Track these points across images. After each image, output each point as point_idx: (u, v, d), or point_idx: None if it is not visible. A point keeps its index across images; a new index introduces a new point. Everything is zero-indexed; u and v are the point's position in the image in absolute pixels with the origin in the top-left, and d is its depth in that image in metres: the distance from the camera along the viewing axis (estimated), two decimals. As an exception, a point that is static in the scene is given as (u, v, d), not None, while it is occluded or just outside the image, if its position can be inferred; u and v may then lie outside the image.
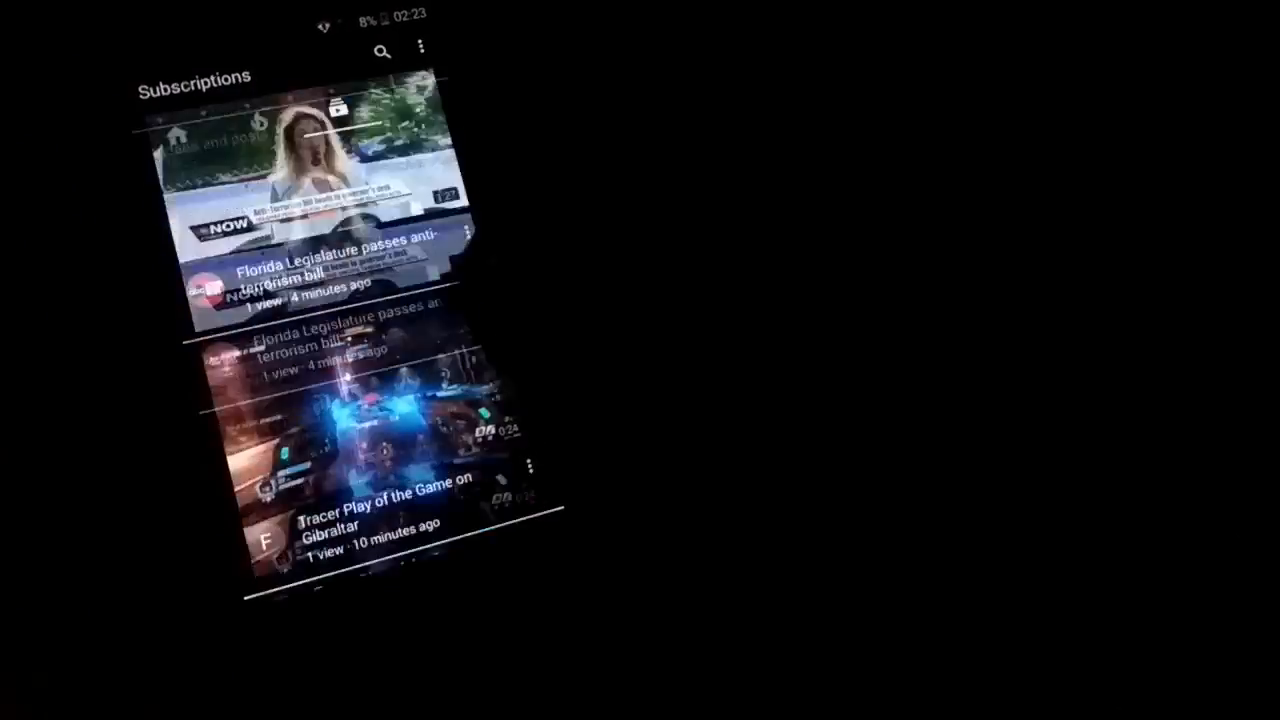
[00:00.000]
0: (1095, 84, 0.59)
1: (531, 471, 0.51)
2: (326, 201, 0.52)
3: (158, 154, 0.51)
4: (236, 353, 0.50)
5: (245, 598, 0.47)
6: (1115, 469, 0.54)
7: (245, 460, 0.48)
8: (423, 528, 0.50)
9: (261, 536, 0.48)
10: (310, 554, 0.48)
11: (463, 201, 0.54)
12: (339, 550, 0.49)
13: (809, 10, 0.59)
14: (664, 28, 0.57)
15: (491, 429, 0.51)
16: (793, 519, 0.52)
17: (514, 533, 0.51)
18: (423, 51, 0.55)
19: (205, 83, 0.52)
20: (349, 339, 0.51)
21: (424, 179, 0.53)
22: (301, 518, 0.48)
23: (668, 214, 0.55)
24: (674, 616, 0.50)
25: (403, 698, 0.47)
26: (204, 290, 0.50)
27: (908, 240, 0.57)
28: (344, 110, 0.53)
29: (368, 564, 0.49)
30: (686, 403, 0.53)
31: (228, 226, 0.51)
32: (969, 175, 0.58)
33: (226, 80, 0.52)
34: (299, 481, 0.49)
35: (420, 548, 0.49)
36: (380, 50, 0.54)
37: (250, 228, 0.51)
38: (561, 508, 0.51)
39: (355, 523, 0.49)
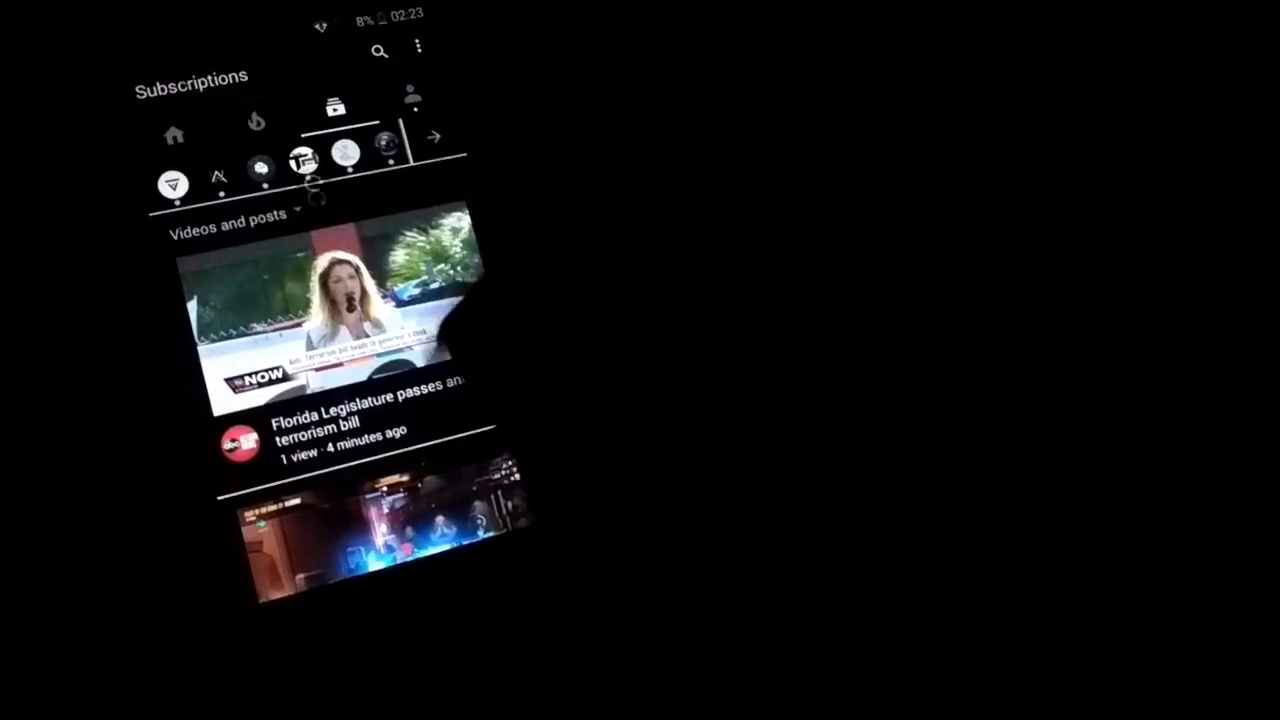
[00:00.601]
0: (1095, 84, 0.57)
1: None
2: (362, 348, 0.52)
3: (192, 305, 0.50)
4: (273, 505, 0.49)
5: None
6: (1115, 469, 0.52)
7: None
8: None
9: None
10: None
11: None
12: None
13: (811, 11, 0.58)
14: (656, 26, 0.56)
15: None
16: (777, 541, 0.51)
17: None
18: (420, 51, 0.55)
19: (202, 82, 0.52)
20: (384, 488, 0.51)
21: (459, 321, 0.53)
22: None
23: (653, 245, 0.53)
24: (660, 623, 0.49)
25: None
26: (238, 444, 0.49)
27: (903, 264, 0.55)
28: (341, 110, 0.53)
29: None
30: (673, 430, 0.51)
31: (262, 378, 0.50)
32: (966, 178, 0.56)
33: (223, 80, 0.52)
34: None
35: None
36: (378, 50, 0.55)
37: (285, 378, 0.51)
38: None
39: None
